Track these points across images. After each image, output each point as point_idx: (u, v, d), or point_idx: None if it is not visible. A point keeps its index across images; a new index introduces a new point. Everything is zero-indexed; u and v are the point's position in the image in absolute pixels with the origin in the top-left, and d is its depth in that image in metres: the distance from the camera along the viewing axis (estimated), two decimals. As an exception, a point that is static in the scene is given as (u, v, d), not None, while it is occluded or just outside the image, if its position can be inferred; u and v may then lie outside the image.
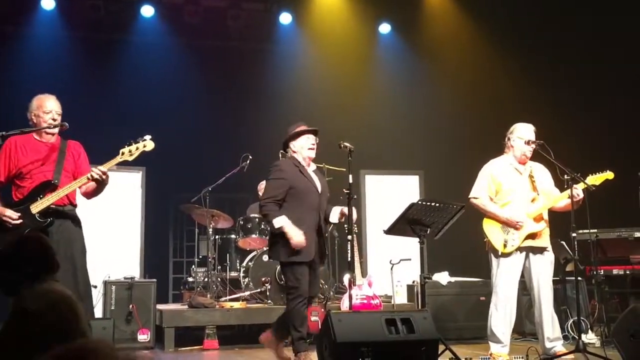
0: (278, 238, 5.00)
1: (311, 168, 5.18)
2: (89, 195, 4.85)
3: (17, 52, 8.71)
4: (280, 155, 7.06)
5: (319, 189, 5.07)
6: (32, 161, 4.72)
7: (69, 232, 4.70)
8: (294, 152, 5.15)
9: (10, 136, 4.69)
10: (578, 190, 5.23)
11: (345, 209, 5.11)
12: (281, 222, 4.86)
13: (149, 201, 8.21)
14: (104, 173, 4.55)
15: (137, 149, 4.58)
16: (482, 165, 5.67)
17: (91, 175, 4.55)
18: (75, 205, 4.86)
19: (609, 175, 5.39)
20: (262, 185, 8.40)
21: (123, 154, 4.60)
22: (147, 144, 4.60)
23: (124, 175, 7.56)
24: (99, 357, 1.08)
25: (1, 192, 4.75)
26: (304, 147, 5.10)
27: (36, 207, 4.57)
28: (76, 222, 4.79)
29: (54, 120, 4.75)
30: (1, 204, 4.63)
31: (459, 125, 9.48)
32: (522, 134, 5.51)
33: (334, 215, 5.20)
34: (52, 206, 4.60)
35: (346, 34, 9.81)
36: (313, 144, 5.11)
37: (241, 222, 7.80)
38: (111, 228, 7.68)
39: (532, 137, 5.48)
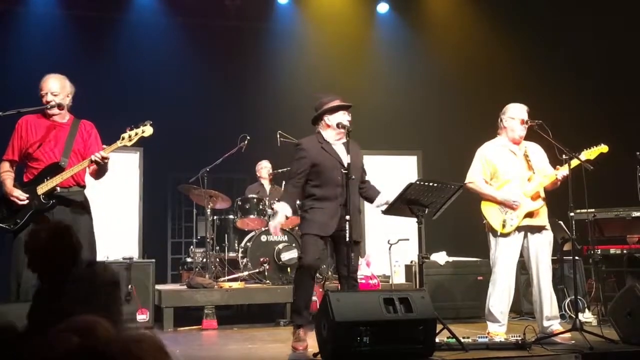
0: (302, 213, 5.13)
1: (341, 141, 5.09)
2: (94, 175, 4.88)
3: (11, 30, 8.65)
4: (278, 136, 7.07)
5: (345, 164, 4.96)
6: (41, 141, 4.75)
7: (74, 214, 4.71)
8: (328, 125, 5.10)
9: (21, 114, 4.76)
10: (564, 171, 5.24)
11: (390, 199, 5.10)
12: (277, 207, 5.17)
13: (147, 182, 8.20)
14: (104, 158, 4.56)
15: (136, 134, 4.60)
16: (481, 145, 5.66)
17: (92, 159, 4.56)
18: (83, 186, 4.87)
19: (604, 148, 5.39)
20: (260, 165, 8.43)
21: (123, 139, 4.62)
22: (146, 129, 4.61)
23: (121, 156, 7.53)
24: (103, 331, 1.08)
25: (15, 172, 4.82)
26: (341, 122, 5.05)
27: (42, 189, 4.62)
28: (82, 204, 4.80)
29: (48, 102, 4.75)
30: (13, 184, 4.70)
31: (457, 105, 9.46)
32: (514, 113, 5.49)
33: (379, 202, 5.18)
34: (57, 188, 4.63)
35: (344, 13, 9.76)
36: (349, 120, 5.08)
37: (239, 203, 7.80)
38: (109, 209, 7.68)
39: (525, 117, 5.46)
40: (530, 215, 5.34)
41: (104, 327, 1.10)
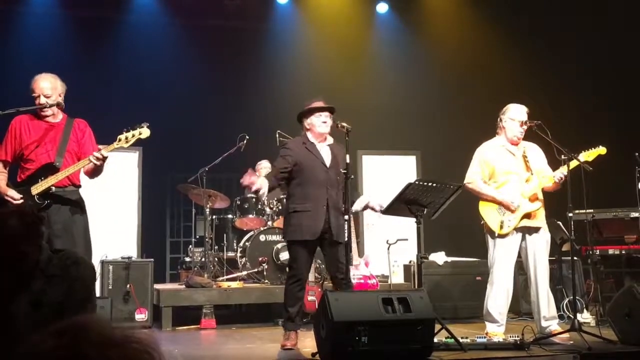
0: (285, 215, 5.19)
1: (326, 143, 5.21)
2: (89, 174, 4.86)
3: (10, 30, 8.64)
4: (277, 135, 7.07)
5: (327, 165, 5.09)
6: (35, 141, 4.73)
7: (69, 213, 4.71)
8: (307, 129, 5.21)
9: (19, 113, 4.73)
10: (564, 172, 5.24)
11: (375, 205, 5.17)
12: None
13: (146, 181, 8.20)
14: (104, 158, 4.57)
15: (133, 136, 4.62)
16: (479, 145, 5.66)
17: (90, 159, 4.56)
18: (78, 186, 4.86)
19: (602, 150, 5.39)
20: (260, 165, 8.42)
21: (120, 140, 4.63)
22: (143, 131, 4.63)
23: (121, 156, 7.53)
24: (93, 333, 1.07)
25: (8, 173, 4.80)
26: (315, 124, 5.15)
27: (36, 189, 4.61)
28: (77, 203, 4.79)
29: (41, 104, 4.74)
30: (6, 184, 4.69)
31: (456, 105, 9.46)
32: (514, 115, 5.50)
33: (359, 204, 5.27)
34: (52, 188, 4.63)
35: (343, 13, 9.75)
36: (324, 122, 5.14)
37: (238, 202, 7.80)
38: (108, 208, 7.68)
39: (525, 118, 5.47)
40: (528, 216, 5.34)
41: (92, 329, 1.09)
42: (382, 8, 10.06)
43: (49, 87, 4.75)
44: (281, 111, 8.81)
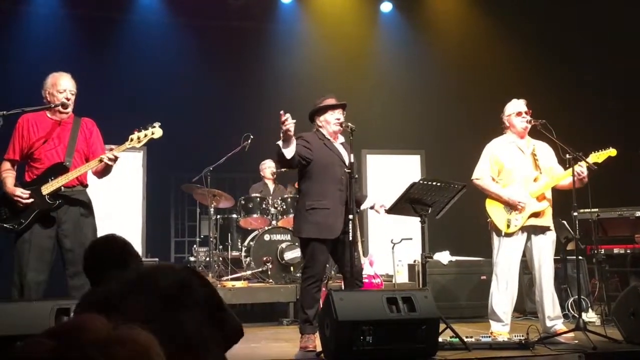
0: (300, 213, 4.98)
1: (339, 141, 5.06)
2: (98, 174, 4.85)
3: (14, 30, 8.66)
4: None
5: (346, 162, 4.92)
6: (43, 140, 4.72)
7: (78, 214, 4.71)
8: (320, 126, 5.06)
9: (25, 113, 4.73)
10: (582, 168, 5.19)
11: (378, 209, 5.10)
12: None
13: (151, 181, 8.21)
14: (115, 159, 4.57)
15: (145, 136, 4.59)
16: (484, 144, 5.65)
17: (102, 159, 4.56)
18: (85, 186, 4.86)
19: (612, 152, 5.36)
20: (264, 164, 8.43)
21: (132, 140, 4.61)
22: (156, 131, 4.61)
23: (125, 155, 7.48)
24: (93, 332, 1.07)
25: (16, 172, 4.80)
26: (329, 122, 5.00)
27: (47, 189, 4.60)
28: (86, 203, 4.79)
29: (67, 99, 4.75)
30: (14, 183, 4.68)
31: (461, 104, 9.45)
32: (511, 109, 5.52)
33: (367, 203, 5.20)
34: (62, 188, 4.62)
35: (347, 13, 9.76)
36: (338, 119, 4.98)
37: (242, 202, 7.81)
38: (113, 208, 7.69)
39: (522, 109, 5.46)
40: (535, 215, 5.32)
41: (91, 329, 1.08)
42: (386, 7, 10.06)
43: (74, 85, 4.77)
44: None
